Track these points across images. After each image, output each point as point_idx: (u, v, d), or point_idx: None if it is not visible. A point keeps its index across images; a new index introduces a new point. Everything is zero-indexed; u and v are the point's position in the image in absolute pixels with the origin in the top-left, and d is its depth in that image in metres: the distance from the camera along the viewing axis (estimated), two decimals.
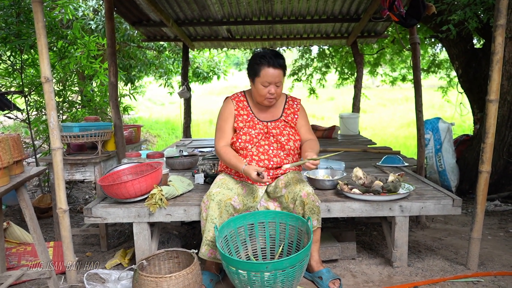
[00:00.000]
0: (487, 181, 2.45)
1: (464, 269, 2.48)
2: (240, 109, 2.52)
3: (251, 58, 2.44)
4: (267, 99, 2.42)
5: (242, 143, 2.42)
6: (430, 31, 5.36)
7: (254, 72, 2.40)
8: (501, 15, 2.22)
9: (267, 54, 2.36)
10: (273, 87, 2.38)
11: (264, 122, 2.50)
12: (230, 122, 2.50)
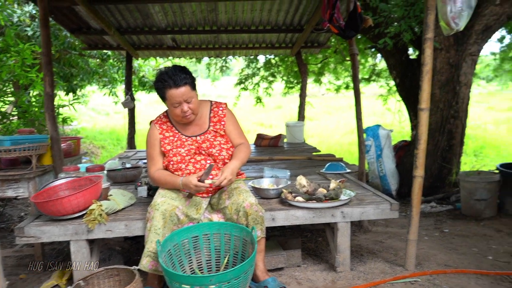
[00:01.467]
0: (421, 185, 2.57)
1: (402, 270, 2.59)
2: (164, 132, 2.46)
3: (154, 82, 2.36)
4: (184, 118, 2.36)
5: (175, 165, 2.39)
6: (369, 42, 5.61)
7: (161, 96, 2.35)
8: (429, 29, 2.37)
9: (166, 76, 2.27)
10: (185, 105, 2.31)
11: (193, 137, 2.45)
12: (157, 147, 2.45)
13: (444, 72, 4.40)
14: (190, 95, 2.32)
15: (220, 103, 2.59)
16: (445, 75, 4.40)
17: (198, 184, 2.25)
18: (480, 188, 3.79)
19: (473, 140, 9.95)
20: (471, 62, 4.38)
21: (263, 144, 5.00)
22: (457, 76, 4.36)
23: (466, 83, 4.42)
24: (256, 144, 5.10)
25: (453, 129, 4.48)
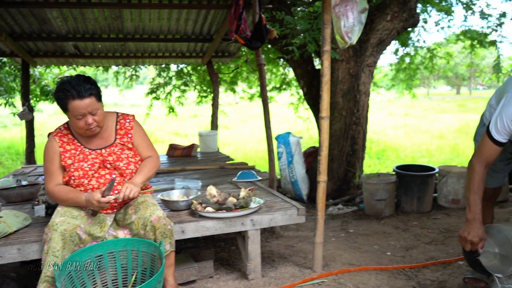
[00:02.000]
0: (325, 189, 2.70)
1: (311, 272, 2.69)
2: (65, 145, 2.30)
3: (55, 92, 2.19)
4: (88, 130, 2.23)
5: (77, 180, 2.24)
6: (278, 52, 5.81)
7: (63, 107, 2.19)
8: (326, 42, 2.51)
9: (69, 86, 2.13)
10: (89, 117, 2.19)
11: (97, 151, 2.33)
12: (56, 161, 2.27)
13: (346, 82, 4.71)
14: (96, 107, 2.20)
15: (127, 115, 2.50)
16: (346, 85, 4.71)
17: (101, 200, 2.14)
18: (380, 189, 4.10)
19: (376, 144, 10.74)
20: (368, 73, 4.74)
21: (176, 154, 4.91)
22: (357, 86, 4.70)
23: (365, 91, 4.77)
24: (169, 154, 4.99)
25: (355, 135, 4.80)
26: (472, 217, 2.07)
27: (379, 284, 2.53)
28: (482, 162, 2.08)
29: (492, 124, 2.02)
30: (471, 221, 2.07)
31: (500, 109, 2.01)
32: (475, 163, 2.09)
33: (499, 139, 2.00)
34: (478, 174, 2.07)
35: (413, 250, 3.18)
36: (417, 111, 18.65)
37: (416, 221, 3.93)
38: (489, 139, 2.03)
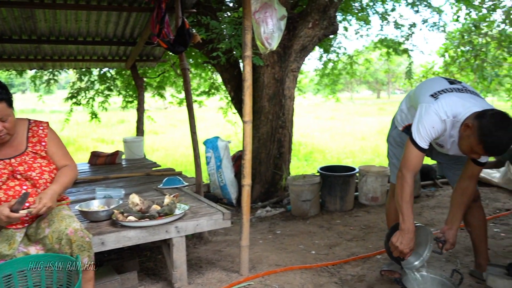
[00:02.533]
0: (249, 193, 2.73)
1: (238, 275, 2.71)
2: None
3: None
4: None
5: None
6: (205, 57, 5.79)
7: None
8: (247, 47, 2.55)
9: None
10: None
11: (6, 160, 2.16)
12: None
13: (271, 86, 4.82)
14: (6, 113, 2.04)
15: (41, 122, 2.34)
16: (272, 89, 4.81)
17: (11, 215, 1.98)
18: (305, 190, 4.23)
19: (304, 147, 11.10)
20: (293, 78, 4.89)
21: (98, 162, 4.69)
22: (282, 90, 4.82)
23: (290, 96, 4.91)
24: (91, 162, 4.75)
25: (282, 138, 4.91)
26: (406, 227, 2.17)
27: (303, 282, 2.61)
28: (411, 171, 2.19)
29: (414, 132, 2.15)
30: (406, 231, 2.17)
31: (418, 118, 2.15)
32: (405, 173, 2.19)
33: (423, 145, 2.14)
34: (408, 184, 2.18)
35: (336, 248, 3.32)
36: (342, 115, 19.58)
37: (339, 219, 4.11)
38: (414, 147, 2.16)
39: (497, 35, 9.33)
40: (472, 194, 2.34)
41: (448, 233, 2.30)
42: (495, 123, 1.93)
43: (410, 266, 2.35)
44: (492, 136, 1.92)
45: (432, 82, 2.38)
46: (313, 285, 2.59)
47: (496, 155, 2.04)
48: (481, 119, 1.96)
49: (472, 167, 2.27)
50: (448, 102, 2.11)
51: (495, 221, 3.85)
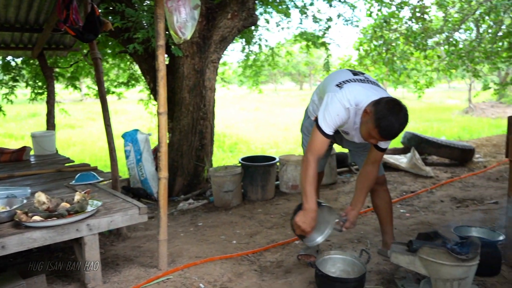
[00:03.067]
0: (166, 186, 2.67)
1: (156, 271, 2.65)
2: None
3: None
4: None
5: None
6: (122, 46, 5.54)
7: None
8: (160, 36, 2.48)
9: None
10: None
11: None
12: None
13: (191, 77, 4.75)
14: None
15: None
16: (192, 80, 4.74)
17: None
18: (227, 181, 4.25)
19: (229, 138, 11.15)
20: (213, 69, 4.86)
21: (2, 159, 4.29)
22: (202, 81, 4.77)
23: (211, 87, 4.88)
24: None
25: (203, 129, 4.88)
26: (309, 207, 2.28)
27: (223, 272, 2.63)
28: (315, 155, 2.30)
29: (320, 119, 2.27)
30: (309, 211, 2.28)
31: (324, 106, 2.27)
32: (309, 157, 2.30)
33: (327, 131, 2.26)
34: (312, 166, 2.29)
35: (257, 236, 3.38)
36: (266, 106, 19.95)
37: (260, 208, 4.19)
38: (320, 133, 2.27)
39: (404, 31, 10.06)
40: (374, 178, 2.51)
41: (350, 213, 2.47)
42: (388, 108, 2.08)
43: (313, 242, 2.50)
44: (386, 120, 2.07)
45: (338, 73, 2.52)
46: (233, 274, 2.61)
47: (389, 139, 2.18)
48: (377, 105, 2.12)
49: (374, 153, 2.44)
50: (351, 91, 2.25)
51: (402, 202, 4.18)
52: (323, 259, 2.48)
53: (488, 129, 11.61)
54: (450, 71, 10.93)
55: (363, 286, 2.29)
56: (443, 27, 10.03)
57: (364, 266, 2.37)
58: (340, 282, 2.24)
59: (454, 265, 2.12)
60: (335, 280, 2.26)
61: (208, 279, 2.53)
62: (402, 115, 2.09)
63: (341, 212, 2.57)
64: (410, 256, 2.26)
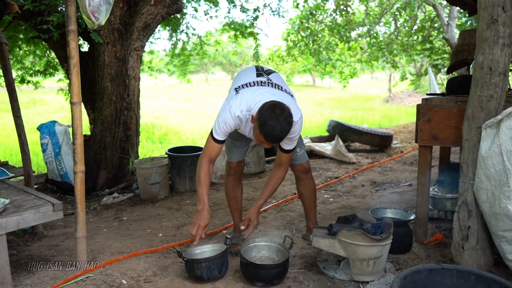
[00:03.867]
0: (83, 180, 2.54)
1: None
2: None
3: None
4: None
5: None
6: (34, 31, 5.12)
7: None
8: (71, 21, 2.31)
9: None
10: None
11: None
12: None
13: (113, 66, 4.53)
14: None
15: None
16: (114, 69, 4.52)
17: None
18: (153, 172, 4.13)
19: (158, 129, 10.86)
20: (136, 57, 4.67)
21: None
22: (125, 70, 4.57)
23: (135, 76, 4.69)
24: None
25: (128, 120, 4.69)
26: (201, 207, 2.37)
27: (147, 266, 2.56)
28: (207, 159, 2.39)
29: (214, 126, 2.34)
30: (201, 211, 2.36)
31: (219, 113, 2.34)
32: (201, 160, 2.39)
33: (217, 138, 2.34)
34: (203, 169, 2.37)
35: (184, 228, 3.33)
36: (197, 96, 19.70)
37: (189, 199, 4.14)
38: (211, 139, 2.35)
39: (329, 23, 10.41)
40: (281, 179, 2.58)
41: (249, 212, 2.55)
42: (269, 113, 2.09)
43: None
44: (267, 125, 2.09)
45: (243, 73, 2.58)
46: (158, 268, 2.55)
47: (274, 142, 2.21)
48: (260, 111, 2.14)
49: (281, 156, 2.52)
50: (244, 97, 2.30)
51: (326, 188, 4.35)
52: (248, 247, 2.50)
53: (406, 117, 12.47)
54: (372, 62, 11.54)
55: (286, 271, 2.35)
56: (365, 20, 10.53)
57: (288, 251, 2.43)
58: (264, 268, 2.28)
59: (369, 245, 2.25)
60: (259, 267, 2.29)
61: (131, 275, 2.45)
62: (283, 118, 2.10)
63: None
64: (330, 239, 2.35)
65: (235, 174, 2.81)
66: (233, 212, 2.90)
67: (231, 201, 2.86)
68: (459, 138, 2.44)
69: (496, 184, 2.12)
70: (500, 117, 2.09)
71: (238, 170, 2.82)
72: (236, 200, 2.86)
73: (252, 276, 2.30)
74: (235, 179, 2.82)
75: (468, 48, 3.31)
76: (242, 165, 2.86)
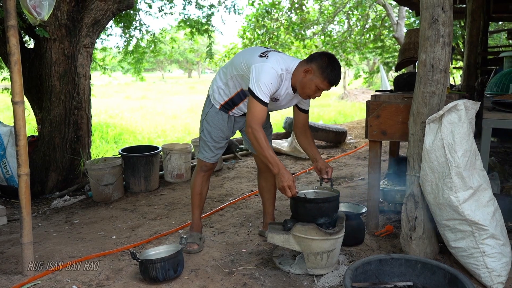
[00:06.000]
0: (28, 183, 2.41)
1: (21, 277, 2.39)
2: None
3: None
4: None
5: None
6: None
7: None
8: (10, 16, 2.20)
9: None
10: None
11: None
12: None
13: (61, 63, 4.35)
14: None
15: None
16: (62, 66, 4.35)
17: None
18: (106, 173, 4.01)
19: (113, 128, 10.54)
20: (86, 54, 4.51)
21: None
22: (74, 68, 4.40)
23: (85, 74, 4.53)
24: None
25: (78, 120, 4.52)
26: (277, 169, 2.30)
27: (100, 270, 2.48)
28: (260, 123, 2.34)
29: (256, 90, 2.29)
30: (279, 171, 2.30)
31: (256, 76, 2.29)
32: (255, 127, 2.31)
33: (265, 100, 2.31)
34: (262, 133, 2.32)
35: (139, 229, 3.26)
36: (153, 94, 19.33)
37: (144, 200, 4.05)
38: (258, 102, 2.30)
39: (285, 21, 10.53)
40: (310, 135, 2.72)
41: (317, 164, 2.62)
42: (327, 59, 2.31)
43: None
44: (332, 69, 2.30)
45: (252, 49, 2.63)
46: (111, 271, 2.48)
47: (337, 84, 2.40)
48: (316, 61, 2.32)
49: (300, 117, 2.69)
50: (277, 58, 2.37)
51: None
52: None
53: (360, 113, 12.84)
54: None
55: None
56: (319, 19, 10.74)
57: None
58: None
59: (322, 239, 2.30)
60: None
61: (83, 280, 2.37)
62: (338, 61, 2.38)
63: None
64: (285, 235, 2.38)
65: (207, 171, 2.77)
66: (195, 208, 2.84)
67: (196, 197, 2.81)
68: (406, 133, 2.54)
69: (440, 176, 2.23)
70: (442, 112, 2.20)
71: (212, 168, 2.80)
72: (201, 197, 2.82)
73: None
74: (205, 176, 2.78)
75: (414, 46, 3.44)
76: (216, 164, 2.82)
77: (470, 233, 2.18)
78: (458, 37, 9.49)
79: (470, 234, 2.19)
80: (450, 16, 2.23)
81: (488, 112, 2.66)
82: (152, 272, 2.28)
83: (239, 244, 2.85)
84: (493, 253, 2.17)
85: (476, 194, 2.18)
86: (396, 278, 2.10)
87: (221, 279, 2.36)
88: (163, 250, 2.49)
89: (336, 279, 2.33)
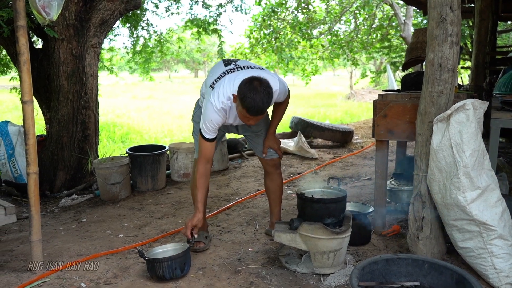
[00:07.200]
0: (37, 182, 2.44)
1: (30, 275, 2.42)
2: None
3: None
4: None
5: None
6: None
7: None
8: (20, 16, 2.22)
9: None
10: None
11: None
12: None
13: (69, 63, 4.38)
14: None
15: None
16: (70, 66, 4.38)
17: None
18: (114, 172, 4.04)
19: (120, 128, 10.61)
20: (94, 54, 4.53)
21: None
22: (82, 67, 4.43)
23: (92, 74, 4.55)
24: None
25: (86, 119, 4.55)
26: (195, 209, 2.50)
27: (108, 268, 2.50)
28: (203, 160, 2.45)
29: (202, 127, 2.39)
30: (194, 211, 2.48)
31: (203, 113, 2.38)
32: (198, 163, 2.46)
33: (209, 137, 2.40)
34: (200, 172, 2.45)
35: (146, 227, 3.28)
36: (160, 94, 19.40)
37: (151, 199, 4.07)
38: (204, 140, 2.41)
39: (291, 21, 10.51)
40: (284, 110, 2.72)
41: (266, 142, 2.75)
42: (247, 87, 2.19)
43: None
44: (247, 98, 2.17)
45: (213, 70, 2.60)
46: (119, 269, 2.50)
47: (258, 114, 2.26)
48: (239, 88, 2.24)
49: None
50: (221, 89, 2.36)
51: (289, 184, 4.40)
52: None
53: (367, 113, 12.79)
54: (333, 60, 11.75)
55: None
56: (326, 18, 10.71)
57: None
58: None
59: (329, 238, 2.30)
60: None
61: (91, 277, 2.39)
62: (262, 89, 2.19)
63: None
64: (292, 234, 2.39)
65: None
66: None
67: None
68: (413, 133, 2.53)
69: (447, 175, 2.22)
70: (450, 111, 2.19)
71: (207, 184, 2.86)
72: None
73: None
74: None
75: (421, 45, 3.43)
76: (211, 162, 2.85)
77: (478, 234, 2.17)
78: (466, 36, 9.43)
79: (478, 235, 2.18)
80: (458, 15, 2.21)
81: (497, 112, 2.64)
82: (159, 271, 2.29)
83: (246, 243, 2.85)
84: (501, 254, 2.15)
85: (484, 194, 2.17)
86: (403, 278, 2.10)
87: (228, 278, 2.36)
88: (170, 249, 2.51)
89: (342, 279, 2.33)
